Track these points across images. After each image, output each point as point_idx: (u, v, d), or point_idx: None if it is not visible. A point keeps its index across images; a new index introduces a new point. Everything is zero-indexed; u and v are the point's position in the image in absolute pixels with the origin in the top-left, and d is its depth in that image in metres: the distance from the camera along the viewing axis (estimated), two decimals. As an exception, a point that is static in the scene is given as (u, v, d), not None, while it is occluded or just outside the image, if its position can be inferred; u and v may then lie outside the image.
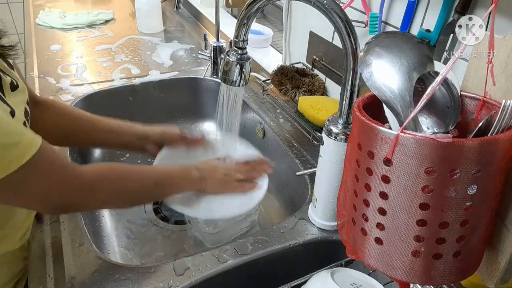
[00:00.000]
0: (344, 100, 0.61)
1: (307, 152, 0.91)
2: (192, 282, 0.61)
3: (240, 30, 0.63)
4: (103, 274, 0.62)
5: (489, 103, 0.43)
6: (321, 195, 0.69)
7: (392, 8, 0.80)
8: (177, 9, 1.09)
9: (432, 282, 0.42)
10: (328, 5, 0.54)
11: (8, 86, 0.56)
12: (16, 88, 0.58)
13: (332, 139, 0.62)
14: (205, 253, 0.66)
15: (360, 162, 0.41)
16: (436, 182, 0.36)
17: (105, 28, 1.57)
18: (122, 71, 1.23)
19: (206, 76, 1.23)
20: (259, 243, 0.68)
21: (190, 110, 1.26)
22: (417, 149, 0.35)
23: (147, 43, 1.45)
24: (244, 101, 1.08)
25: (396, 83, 0.43)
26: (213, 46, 1.16)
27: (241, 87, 0.69)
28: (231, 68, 0.67)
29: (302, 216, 0.74)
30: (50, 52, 1.33)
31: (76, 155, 0.98)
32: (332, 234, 0.71)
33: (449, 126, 0.43)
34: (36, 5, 1.73)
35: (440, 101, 0.44)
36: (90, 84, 1.15)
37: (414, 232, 0.39)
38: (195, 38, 1.53)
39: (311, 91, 1.03)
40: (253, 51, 1.33)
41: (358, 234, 0.44)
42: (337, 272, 0.54)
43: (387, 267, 0.42)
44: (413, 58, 0.44)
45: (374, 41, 0.46)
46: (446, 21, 0.69)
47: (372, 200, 0.40)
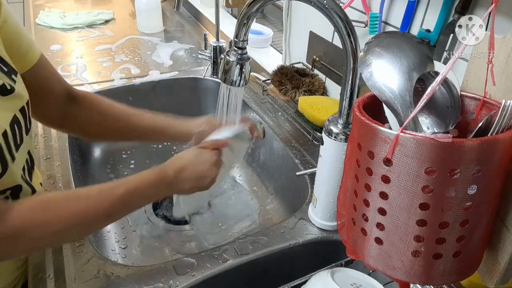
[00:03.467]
0: (344, 100, 0.61)
1: (307, 152, 0.91)
2: (192, 282, 0.61)
3: (240, 30, 0.63)
4: (103, 274, 0.62)
5: (489, 103, 0.43)
6: (321, 195, 0.69)
7: (392, 8, 0.80)
8: (177, 9, 1.09)
9: (432, 282, 0.42)
10: (328, 5, 0.54)
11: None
12: (9, 93, 0.55)
13: (332, 139, 0.62)
14: (205, 253, 0.66)
15: (360, 162, 0.41)
16: (436, 182, 0.36)
17: (105, 28, 1.57)
18: (122, 71, 1.23)
19: (206, 76, 1.23)
20: (259, 243, 0.68)
21: (190, 110, 1.26)
22: (417, 149, 0.35)
23: (147, 43, 1.45)
24: (244, 101, 1.08)
25: (396, 83, 0.43)
26: (213, 46, 1.16)
27: (241, 87, 0.69)
28: (231, 68, 0.67)
29: (302, 216, 0.74)
30: (50, 52, 1.33)
31: (76, 156, 0.98)
32: (332, 234, 0.71)
33: (449, 126, 0.43)
34: (36, 5, 1.73)
35: (440, 101, 0.44)
36: (90, 84, 1.15)
37: (414, 232, 0.39)
38: (195, 38, 1.53)
39: (311, 91, 1.03)
40: (253, 51, 1.33)
41: (358, 234, 0.44)
42: (337, 272, 0.54)
43: (387, 267, 0.42)
44: (413, 58, 0.44)
45: (374, 41, 0.46)
46: (446, 21, 0.69)
47: (372, 200, 0.40)
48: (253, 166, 1.10)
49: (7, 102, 0.55)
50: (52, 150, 0.88)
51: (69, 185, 0.79)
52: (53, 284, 0.60)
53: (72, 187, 0.79)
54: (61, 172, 0.82)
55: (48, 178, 0.81)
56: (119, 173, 1.08)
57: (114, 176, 1.07)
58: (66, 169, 0.83)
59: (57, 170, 0.83)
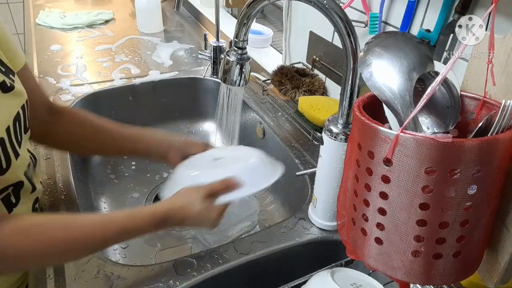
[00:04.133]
0: (344, 100, 0.61)
1: (307, 152, 0.91)
2: (192, 282, 0.61)
3: (240, 30, 0.63)
4: (103, 274, 0.62)
5: (489, 103, 0.43)
6: (321, 195, 0.69)
7: (392, 8, 0.80)
8: (177, 9, 1.09)
9: (432, 282, 0.42)
10: (328, 5, 0.54)
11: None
12: (9, 90, 0.56)
13: (332, 139, 0.62)
14: (205, 253, 0.66)
15: (360, 162, 0.41)
16: (436, 182, 0.36)
17: (105, 28, 1.57)
18: (122, 71, 1.23)
19: (206, 76, 1.23)
20: (259, 243, 0.68)
21: (190, 110, 1.26)
22: (417, 149, 0.35)
23: (147, 43, 1.45)
24: (244, 101, 1.08)
25: (396, 83, 0.43)
26: (213, 46, 1.16)
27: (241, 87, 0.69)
28: (231, 68, 0.67)
29: (302, 216, 0.74)
30: (50, 52, 1.33)
31: (77, 156, 0.98)
32: (332, 234, 0.71)
33: (449, 126, 0.43)
34: (36, 5, 1.73)
35: (440, 101, 0.44)
36: (90, 84, 1.15)
37: (414, 232, 0.39)
38: (195, 38, 1.53)
39: (311, 91, 1.03)
40: (253, 51, 1.33)
41: (358, 234, 0.44)
42: (337, 272, 0.54)
43: (387, 267, 0.42)
44: (413, 58, 0.44)
45: (374, 41, 0.46)
46: (446, 21, 0.69)
47: (372, 200, 0.40)
48: (253, 166, 1.09)
49: (9, 98, 0.56)
50: (52, 150, 0.88)
51: (69, 185, 0.79)
52: (53, 284, 0.60)
53: (72, 187, 0.79)
54: (61, 172, 0.82)
55: (48, 178, 0.81)
56: (119, 174, 1.08)
57: (115, 177, 1.07)
58: (66, 169, 0.83)
59: (57, 170, 0.83)
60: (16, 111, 0.58)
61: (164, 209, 0.60)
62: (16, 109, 0.58)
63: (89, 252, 0.60)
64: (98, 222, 0.56)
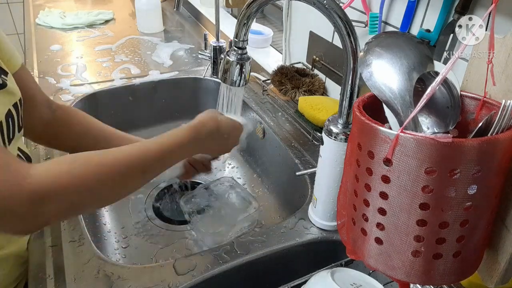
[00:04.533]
0: (344, 100, 0.61)
1: (307, 152, 0.91)
2: (192, 282, 0.61)
3: (240, 30, 0.63)
4: (103, 274, 0.62)
5: (489, 103, 0.43)
6: (321, 195, 0.69)
7: (392, 8, 0.80)
8: (177, 9, 1.09)
9: (432, 282, 0.42)
10: (328, 5, 0.54)
11: None
12: (2, 88, 0.56)
13: (332, 139, 0.62)
14: (205, 253, 0.66)
15: (360, 162, 0.41)
16: (436, 182, 0.36)
17: (105, 28, 1.57)
18: (122, 71, 1.23)
19: (206, 76, 1.23)
20: (259, 243, 0.68)
21: (190, 110, 1.26)
22: (417, 149, 0.35)
23: (147, 43, 1.45)
24: (244, 101, 1.08)
25: (396, 83, 0.43)
26: (213, 46, 1.16)
27: (241, 87, 0.69)
28: (231, 68, 0.67)
29: (302, 216, 0.74)
30: (50, 52, 1.33)
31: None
32: (332, 234, 0.71)
33: (449, 126, 0.43)
34: (36, 5, 1.73)
35: (440, 101, 0.44)
36: (90, 84, 1.15)
37: (414, 232, 0.39)
38: (195, 38, 1.53)
39: (311, 91, 1.03)
40: (253, 51, 1.33)
41: (358, 234, 0.44)
42: (337, 272, 0.54)
43: (387, 267, 0.42)
44: (413, 58, 0.44)
45: (374, 41, 0.46)
46: (446, 21, 0.69)
47: (372, 200, 0.40)
48: (253, 166, 1.10)
49: (1, 96, 0.56)
50: (52, 150, 0.88)
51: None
52: (53, 284, 0.60)
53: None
54: (61, 172, 0.82)
55: (48, 178, 0.80)
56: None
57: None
58: (66, 169, 0.83)
59: (57, 170, 0.83)
60: (7, 108, 0.57)
61: (197, 121, 0.66)
62: (7, 107, 0.57)
63: (137, 177, 0.55)
64: (137, 144, 0.55)
